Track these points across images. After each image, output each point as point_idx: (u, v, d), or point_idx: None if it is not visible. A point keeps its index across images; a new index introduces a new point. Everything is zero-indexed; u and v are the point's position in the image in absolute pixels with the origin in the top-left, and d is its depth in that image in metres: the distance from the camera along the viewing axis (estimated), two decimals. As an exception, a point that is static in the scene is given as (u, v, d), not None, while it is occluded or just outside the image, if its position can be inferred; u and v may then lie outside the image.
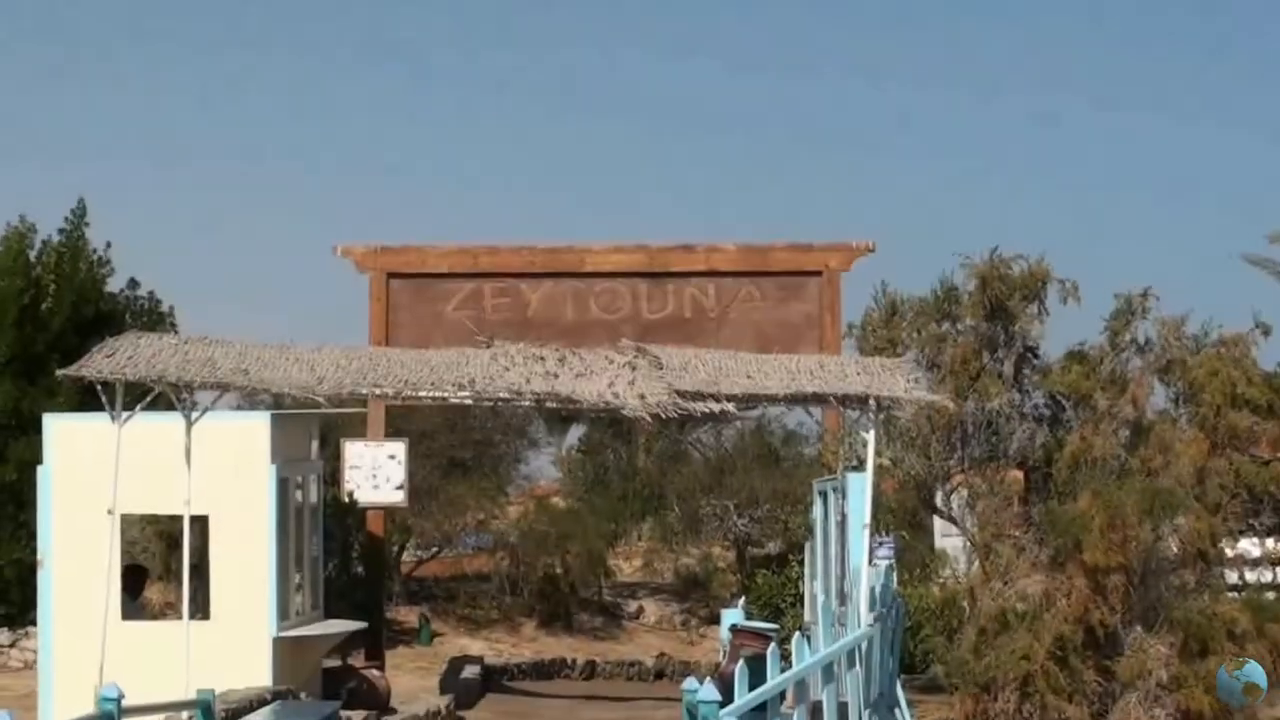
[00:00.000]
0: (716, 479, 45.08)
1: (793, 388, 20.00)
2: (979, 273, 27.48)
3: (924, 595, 30.81)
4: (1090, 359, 27.46)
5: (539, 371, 18.50)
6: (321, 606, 26.44)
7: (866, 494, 18.98)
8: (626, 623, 43.74)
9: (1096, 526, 24.63)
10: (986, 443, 27.45)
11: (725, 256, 30.18)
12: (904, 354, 26.14)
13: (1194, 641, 25.02)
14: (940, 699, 26.88)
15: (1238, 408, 26.31)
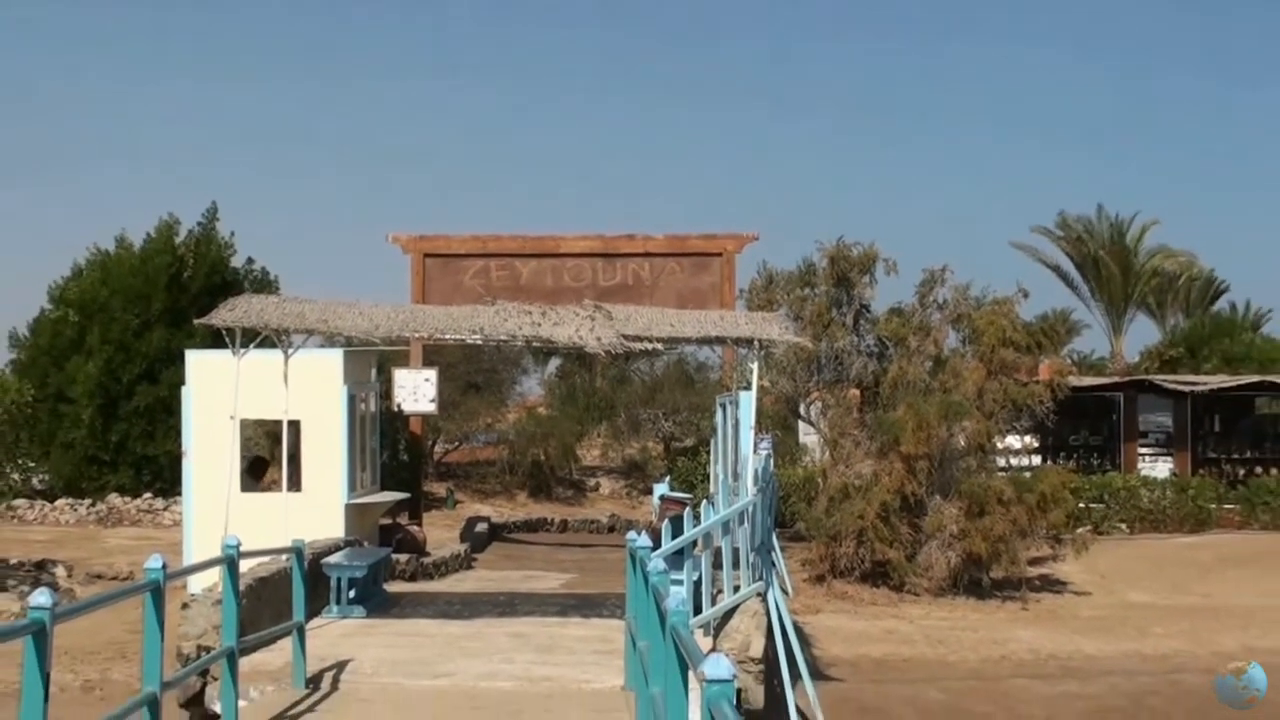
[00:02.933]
0: (651, 395, 45.40)
1: (702, 332, 20.15)
2: (829, 254, 27.78)
3: (792, 475, 31.07)
4: (905, 313, 27.75)
5: (528, 321, 18.64)
6: (378, 482, 26.60)
7: (752, 406, 19.13)
8: (589, 493, 44.04)
9: (909, 427, 24.96)
10: (834, 371, 27.71)
11: (656, 243, 30.43)
12: (778, 310, 26.38)
13: (975, 505, 25.42)
14: (802, 545, 27.17)
15: (1006, 347, 26.63)
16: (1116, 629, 24.06)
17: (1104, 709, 20.27)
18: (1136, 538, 32.80)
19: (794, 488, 29.81)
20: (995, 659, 21.93)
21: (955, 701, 19.88)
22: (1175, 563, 29.39)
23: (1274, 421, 43.18)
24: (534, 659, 16.52)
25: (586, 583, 25.10)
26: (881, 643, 22.16)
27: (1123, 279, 59.02)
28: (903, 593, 25.20)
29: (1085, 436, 40.57)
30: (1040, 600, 25.89)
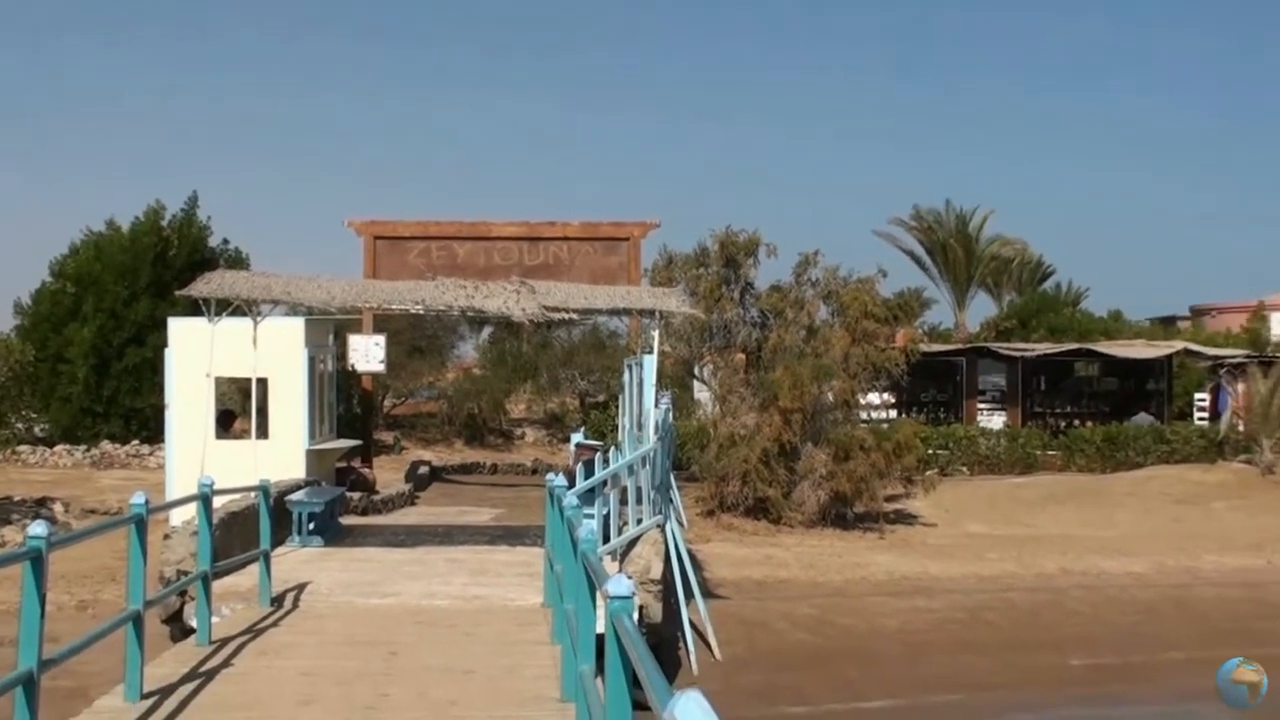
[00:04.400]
0: (569, 358, 45.26)
1: (611, 305, 20.15)
2: (719, 239, 27.77)
3: (688, 426, 31.07)
4: (784, 290, 27.77)
5: (463, 295, 18.53)
6: (335, 431, 26.43)
7: (653, 367, 19.15)
8: (516, 441, 43.85)
9: (786, 386, 24.99)
10: (723, 338, 27.76)
11: (573, 229, 30.24)
12: (676, 286, 26.37)
13: (841, 451, 25.52)
14: (696, 485, 27.18)
15: (868, 319, 26.72)
16: (958, 554, 24.24)
17: (947, 621, 20.43)
18: (975, 479, 33.10)
19: (689, 437, 29.84)
20: (857, 580, 22.05)
21: (822, 615, 19.97)
22: (1006, 499, 29.67)
23: (1089, 382, 43.71)
24: (467, 581, 16.49)
25: (513, 517, 25.02)
26: (761, 566, 22.22)
27: (966, 262, 59.52)
28: (780, 525, 25.28)
29: (934, 394, 40.90)
30: (895, 531, 26.06)
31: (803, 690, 17.34)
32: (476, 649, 12.59)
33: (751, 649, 18.38)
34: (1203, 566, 24.32)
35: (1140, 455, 34.91)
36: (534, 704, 10.46)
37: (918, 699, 17.64)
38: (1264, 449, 31.14)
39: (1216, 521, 28.10)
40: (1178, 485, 30.60)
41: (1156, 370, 41.90)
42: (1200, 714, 18.56)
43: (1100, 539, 26.11)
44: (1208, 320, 65.33)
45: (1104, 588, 22.65)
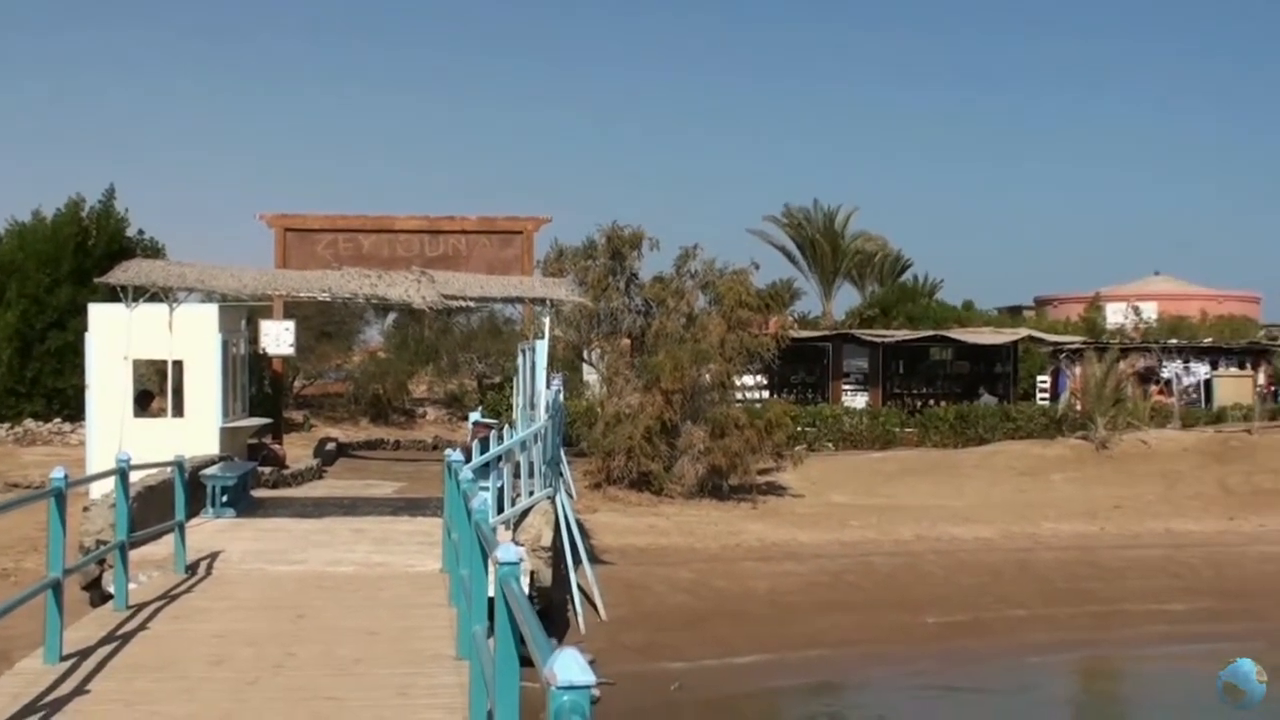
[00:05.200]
0: (468, 342, 45.06)
1: (506, 293, 20.05)
2: (606, 233, 27.71)
3: (577, 405, 31.02)
4: (665, 280, 27.77)
5: (367, 283, 18.35)
6: (247, 410, 26.08)
7: (545, 352, 19.12)
8: (418, 420, 43.56)
9: (667, 369, 25.04)
10: (610, 324, 27.69)
11: (470, 223, 30.09)
12: (567, 277, 26.30)
13: (718, 429, 25.64)
14: (584, 459, 27.15)
15: (742, 307, 26.79)
16: (823, 523, 24.44)
17: (813, 583, 20.61)
18: (840, 454, 33.37)
19: (579, 415, 29.80)
20: (732, 546, 22.17)
21: (700, 578, 20.06)
22: (868, 473, 29.96)
23: (943, 366, 44.23)
24: (371, 548, 16.38)
25: (414, 489, 24.86)
26: (644, 535, 22.27)
27: (833, 257, 60.08)
28: (661, 496, 25.33)
29: (803, 376, 41.19)
30: (766, 501, 26.22)
31: (681, 647, 17.42)
32: (379, 611, 12.53)
33: (635, 610, 18.42)
34: (1043, 532, 24.75)
35: (988, 432, 35.40)
36: (432, 661, 10.44)
37: (785, 654, 17.78)
38: (1098, 426, 31.69)
39: (1055, 492, 28.59)
40: (1021, 459, 31.06)
41: (1003, 355, 42.52)
42: (1040, 665, 18.93)
43: (952, 508, 26.45)
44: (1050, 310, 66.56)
45: (955, 552, 22.97)
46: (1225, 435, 32.87)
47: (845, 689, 17.51)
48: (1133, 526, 25.57)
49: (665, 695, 15.79)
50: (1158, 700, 18.14)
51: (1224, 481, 29.17)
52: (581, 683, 3.88)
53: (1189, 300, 62.58)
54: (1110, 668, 19.82)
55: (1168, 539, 24.78)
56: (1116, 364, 34.83)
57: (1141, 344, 42.26)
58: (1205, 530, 25.62)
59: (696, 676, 16.55)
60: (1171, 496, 28.31)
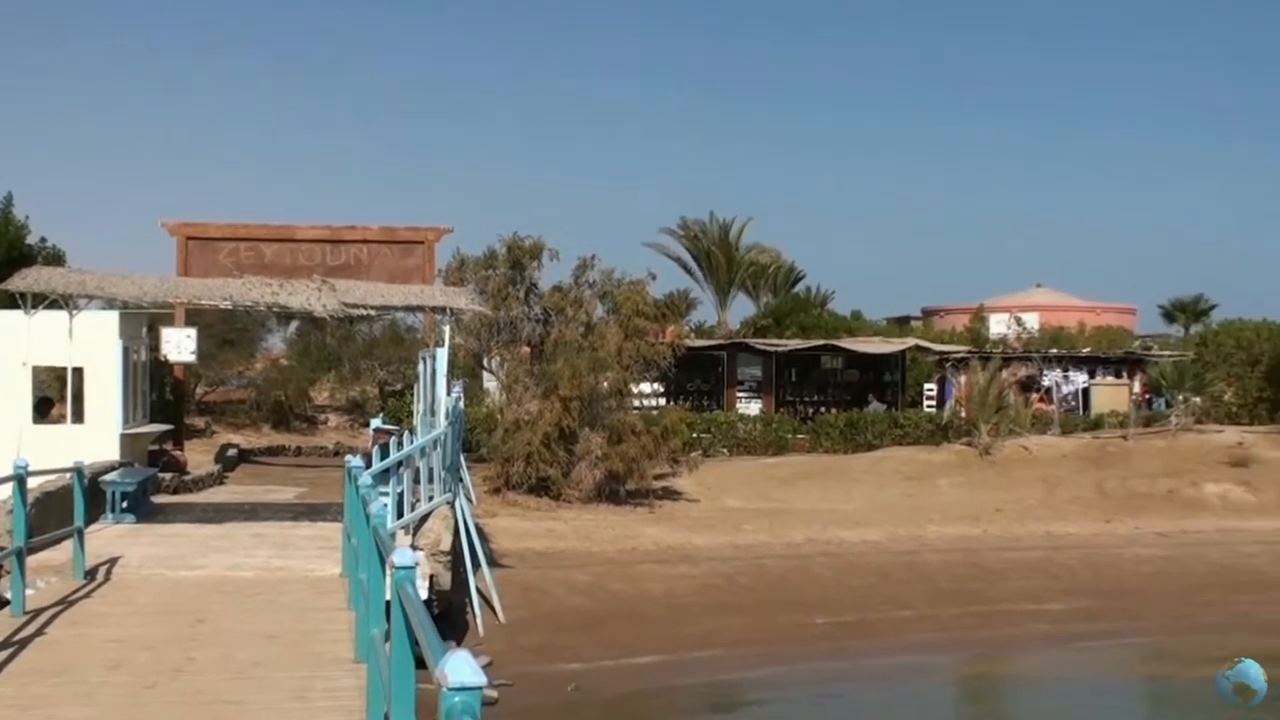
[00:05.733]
0: (369, 350, 44.69)
1: (406, 302, 20.00)
2: (507, 244, 27.69)
3: (477, 412, 30.85)
4: (564, 290, 27.77)
5: (268, 292, 18.18)
6: (148, 416, 25.73)
7: (444, 359, 19.05)
8: (320, 426, 43.17)
9: (566, 376, 25.04)
10: (510, 333, 27.64)
11: (372, 232, 29.88)
12: (467, 286, 26.22)
13: (615, 435, 25.64)
14: (484, 465, 27.04)
15: (639, 317, 26.88)
16: (717, 526, 24.55)
17: (707, 585, 20.69)
18: (734, 459, 33.51)
19: (479, 422, 29.67)
20: (628, 549, 22.20)
21: (597, 581, 20.08)
22: (761, 478, 30.12)
23: (834, 374, 44.50)
24: (271, 553, 16.20)
25: (315, 495, 24.62)
26: (542, 539, 22.23)
27: (728, 267, 60.36)
28: (559, 501, 25.28)
29: (698, 384, 41.26)
30: (662, 506, 26.27)
31: (578, 649, 17.41)
32: (278, 615, 12.39)
33: (533, 613, 18.39)
34: (928, 535, 25.06)
35: (877, 438, 35.71)
36: (331, 665, 10.35)
37: (681, 655, 17.84)
38: (981, 433, 32.13)
39: (941, 496, 28.94)
40: (908, 465, 31.41)
41: (892, 364, 42.91)
42: (925, 663, 19.16)
43: (841, 512, 26.68)
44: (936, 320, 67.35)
45: (844, 555, 23.18)
46: (1102, 441, 33.47)
47: (739, 688, 17.58)
48: (1014, 529, 25.97)
49: (562, 696, 15.76)
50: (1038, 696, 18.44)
51: (1101, 486, 29.70)
52: (473, 684, 3.87)
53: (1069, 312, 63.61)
54: (993, 666, 20.09)
55: (1047, 541, 25.19)
56: (999, 373, 35.34)
57: (1023, 354, 42.84)
58: (1083, 533, 26.10)
59: (593, 677, 16.54)
60: (1051, 500, 28.77)
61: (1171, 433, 33.78)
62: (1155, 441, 32.99)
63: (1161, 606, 21.78)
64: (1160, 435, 33.76)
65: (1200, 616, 21.46)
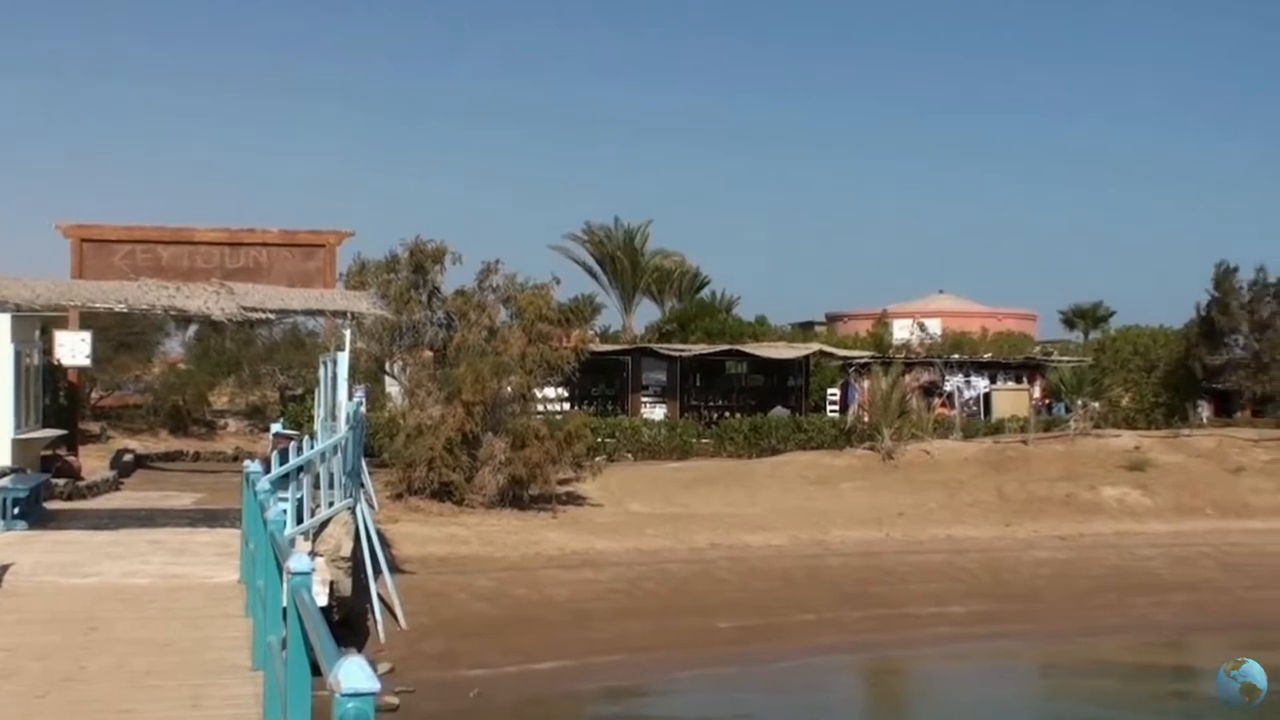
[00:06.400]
0: (270, 354, 44.21)
1: (307, 306, 19.93)
2: (409, 248, 27.43)
3: (379, 417, 30.68)
4: (468, 294, 27.59)
5: (165, 295, 18.02)
6: (41, 421, 25.26)
7: (345, 364, 18.90)
8: (219, 431, 42.58)
9: (469, 381, 24.90)
10: (412, 337, 27.42)
11: (272, 235, 29.51)
12: (369, 290, 26.03)
13: (518, 440, 25.53)
14: (386, 470, 26.84)
15: (543, 321, 26.80)
16: (621, 531, 24.57)
17: (611, 590, 20.73)
18: (638, 464, 33.56)
19: (381, 427, 29.45)
20: (531, 555, 22.16)
21: (500, 587, 20.03)
22: (665, 482, 30.18)
23: (739, 379, 44.87)
24: (168, 560, 15.98)
25: (214, 500, 24.27)
26: (445, 544, 22.12)
27: (633, 272, 60.53)
28: (462, 506, 25.15)
29: (603, 389, 41.38)
30: (566, 511, 26.23)
31: (481, 654, 17.36)
32: (174, 623, 12.22)
33: (435, 619, 18.31)
34: (831, 539, 25.27)
35: (781, 443, 35.95)
36: (227, 673, 10.22)
37: (584, 660, 17.86)
38: (884, 437, 32.46)
39: (844, 500, 29.18)
40: (812, 469, 31.63)
41: (796, 369, 43.30)
42: (829, 667, 19.33)
43: (745, 516, 26.82)
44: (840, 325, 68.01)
45: (748, 559, 23.31)
46: (1003, 446, 33.94)
47: (642, 693, 17.62)
48: (916, 533, 26.26)
49: (464, 702, 15.71)
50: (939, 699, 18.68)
51: (1001, 490, 30.12)
52: (366, 690, 3.85)
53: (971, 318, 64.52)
54: (894, 667, 20.33)
55: (949, 545, 25.51)
56: (902, 378, 35.75)
57: (925, 359, 43.41)
58: (983, 536, 26.45)
59: (496, 683, 16.50)
60: (952, 504, 29.12)
61: (1070, 437, 34.32)
62: (1054, 446, 33.50)
63: (1060, 609, 22.15)
64: (1059, 440, 34.29)
65: (1098, 619, 21.86)
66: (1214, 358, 37.36)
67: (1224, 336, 37.59)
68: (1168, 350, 41.29)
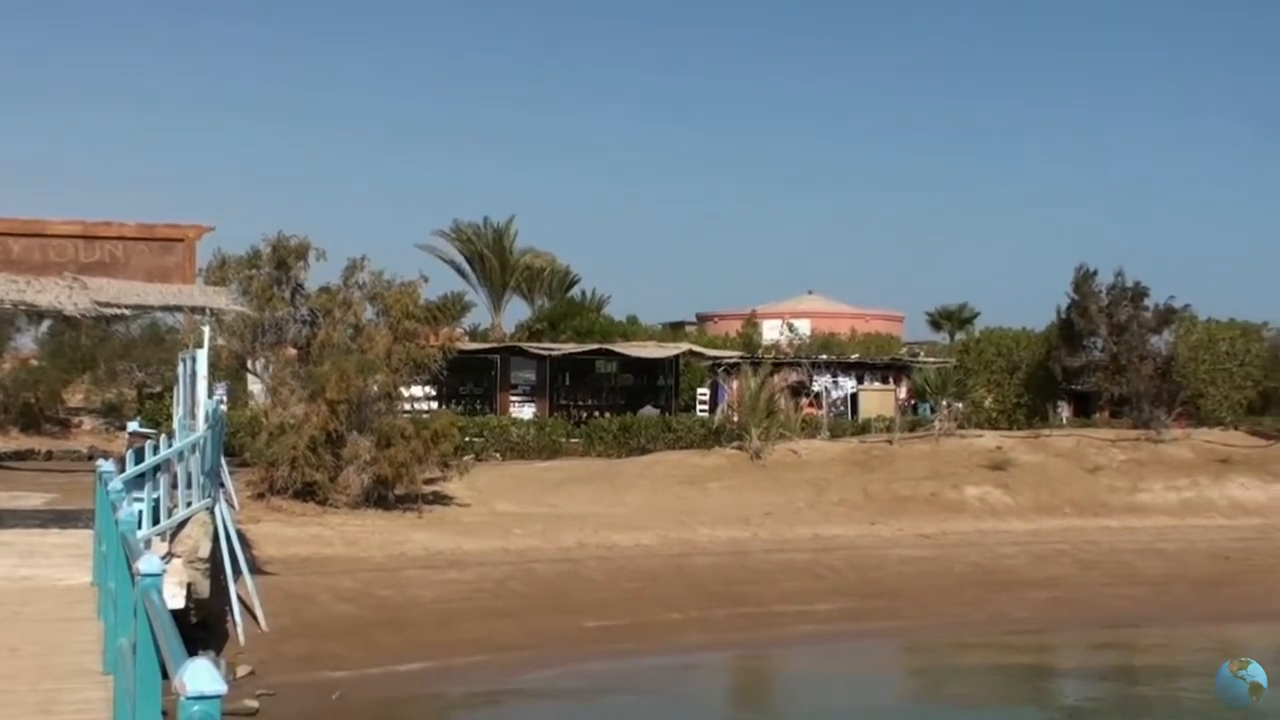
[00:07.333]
0: (127, 350, 43.32)
1: (164, 301, 19.45)
2: (272, 243, 27.05)
3: (241, 415, 30.28)
4: (333, 291, 27.25)
5: (14, 289, 17.53)
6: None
7: (205, 361, 18.59)
8: (73, 429, 41.65)
9: (333, 379, 24.63)
10: (275, 334, 27.06)
11: (129, 229, 28.60)
12: (230, 286, 25.61)
13: (384, 439, 25.34)
14: (248, 470, 26.47)
15: (409, 319, 26.62)
16: (488, 531, 24.48)
17: (477, 590, 20.64)
18: (507, 463, 33.48)
19: (242, 425, 29.04)
20: (396, 555, 21.99)
21: (364, 587, 19.85)
22: (534, 482, 30.13)
23: (609, 378, 44.98)
24: (17, 562, 15.53)
25: (67, 501, 23.67)
26: (308, 545, 21.85)
27: (502, 271, 60.30)
28: (326, 506, 24.87)
29: (471, 387, 41.22)
30: (432, 511, 26.04)
31: (344, 656, 17.18)
32: (23, 627, 11.89)
33: (297, 621, 18.08)
34: (699, 539, 25.41)
35: (650, 442, 36.09)
36: (78, 677, 9.98)
37: (449, 661, 17.76)
38: (752, 437, 32.72)
39: (712, 499, 29.35)
40: (680, 468, 31.78)
41: (666, 368, 43.49)
42: (695, 665, 19.44)
43: (613, 516, 26.86)
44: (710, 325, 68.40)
45: (616, 558, 23.36)
46: (869, 445, 34.42)
47: (507, 694, 17.54)
48: (783, 532, 26.51)
49: (327, 704, 15.53)
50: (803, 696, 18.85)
51: (867, 489, 30.52)
52: (212, 692, 3.78)
53: (839, 319, 65.36)
54: (761, 665, 20.50)
55: (815, 543, 25.80)
56: (770, 378, 36.05)
57: (794, 359, 43.88)
58: (849, 534, 26.80)
59: (359, 685, 16.33)
60: (819, 503, 29.45)
61: (935, 437, 34.90)
62: (919, 446, 34.04)
63: (923, 606, 22.50)
64: (924, 440, 34.85)
65: (960, 615, 22.25)
66: (1073, 360, 38.19)
67: (1083, 339, 38.44)
68: (1029, 352, 42.16)
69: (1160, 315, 38.17)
